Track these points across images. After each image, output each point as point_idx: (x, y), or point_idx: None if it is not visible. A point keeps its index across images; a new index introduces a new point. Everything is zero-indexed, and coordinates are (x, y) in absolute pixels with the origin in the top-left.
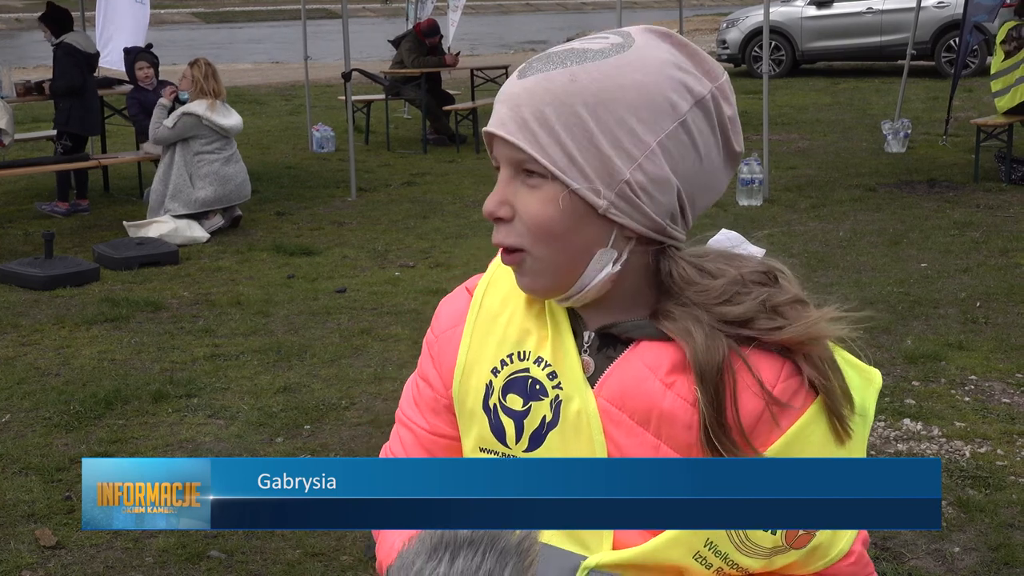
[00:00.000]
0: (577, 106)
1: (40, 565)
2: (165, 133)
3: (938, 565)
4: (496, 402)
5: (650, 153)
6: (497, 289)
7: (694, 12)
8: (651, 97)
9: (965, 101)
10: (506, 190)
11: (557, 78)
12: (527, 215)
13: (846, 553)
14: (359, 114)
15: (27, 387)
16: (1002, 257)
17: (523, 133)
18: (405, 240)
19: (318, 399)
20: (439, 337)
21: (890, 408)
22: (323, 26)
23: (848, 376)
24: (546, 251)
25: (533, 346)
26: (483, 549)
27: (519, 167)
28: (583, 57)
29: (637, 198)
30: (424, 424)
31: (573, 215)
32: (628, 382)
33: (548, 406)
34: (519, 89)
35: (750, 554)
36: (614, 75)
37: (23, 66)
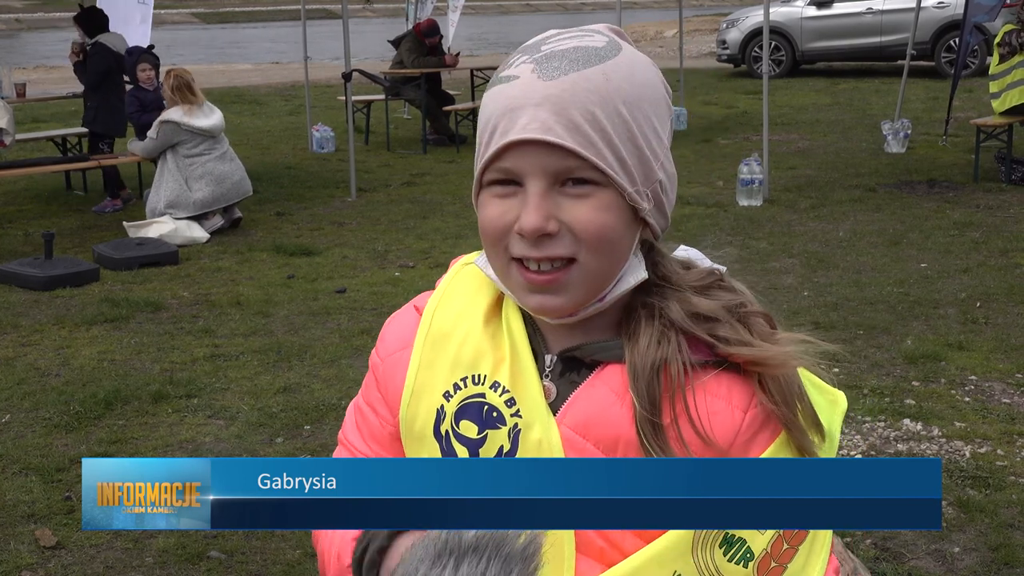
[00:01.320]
0: (619, 105)
1: (40, 565)
2: (150, 145)
3: (938, 565)
4: (448, 428)
5: (666, 151)
6: (449, 307)
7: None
8: (660, 94)
9: (965, 101)
10: (545, 203)
11: (593, 77)
12: (581, 225)
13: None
14: (359, 114)
15: (27, 387)
16: (1002, 257)
17: (576, 137)
18: (405, 240)
19: (318, 399)
20: (384, 360)
21: (890, 408)
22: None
23: (814, 399)
24: (598, 260)
25: (489, 369)
26: (488, 555)
27: (558, 177)
28: (600, 55)
29: (664, 197)
30: (364, 450)
31: (623, 220)
32: (593, 409)
33: (506, 435)
34: (557, 90)
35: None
36: (634, 73)
37: (23, 66)
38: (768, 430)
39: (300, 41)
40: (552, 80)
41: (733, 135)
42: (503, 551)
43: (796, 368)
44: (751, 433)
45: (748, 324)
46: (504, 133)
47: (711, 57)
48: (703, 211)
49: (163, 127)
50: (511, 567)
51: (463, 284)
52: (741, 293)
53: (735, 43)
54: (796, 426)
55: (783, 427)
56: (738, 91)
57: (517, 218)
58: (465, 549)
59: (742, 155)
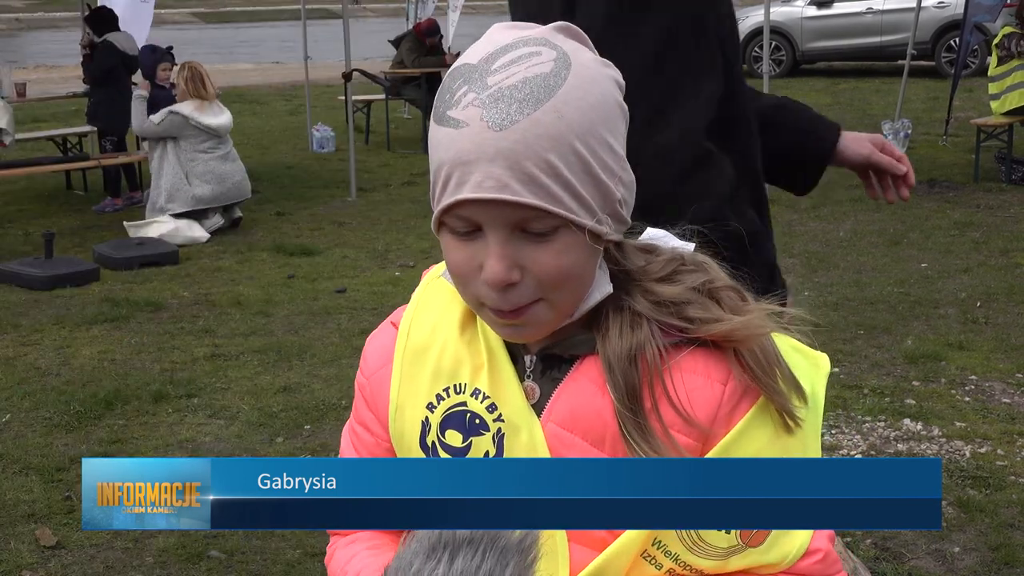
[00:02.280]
0: (572, 141)
1: (40, 565)
2: (151, 128)
3: (938, 565)
4: (434, 439)
5: (623, 162)
6: (424, 319)
7: None
8: (610, 107)
9: (965, 101)
10: (507, 252)
11: (544, 119)
12: (544, 270)
13: (808, 550)
14: (359, 114)
15: (27, 387)
16: (1002, 257)
17: (531, 190)
18: (405, 240)
19: (318, 399)
20: (370, 379)
21: (890, 408)
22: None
23: (794, 363)
24: (563, 296)
25: (468, 377)
26: (483, 548)
27: (518, 226)
28: (548, 87)
29: (622, 211)
30: None
31: (584, 252)
32: (577, 402)
33: (491, 441)
34: (509, 143)
35: (703, 555)
36: (583, 96)
37: (23, 66)
38: (748, 398)
39: (300, 41)
40: (503, 131)
41: None
42: (499, 544)
43: (769, 334)
44: (732, 404)
45: (718, 299)
46: (459, 186)
47: None
48: None
49: (171, 117)
50: (507, 560)
51: (436, 295)
52: (708, 270)
53: None
54: (776, 391)
55: (762, 393)
56: None
57: (482, 265)
58: (460, 542)
59: None
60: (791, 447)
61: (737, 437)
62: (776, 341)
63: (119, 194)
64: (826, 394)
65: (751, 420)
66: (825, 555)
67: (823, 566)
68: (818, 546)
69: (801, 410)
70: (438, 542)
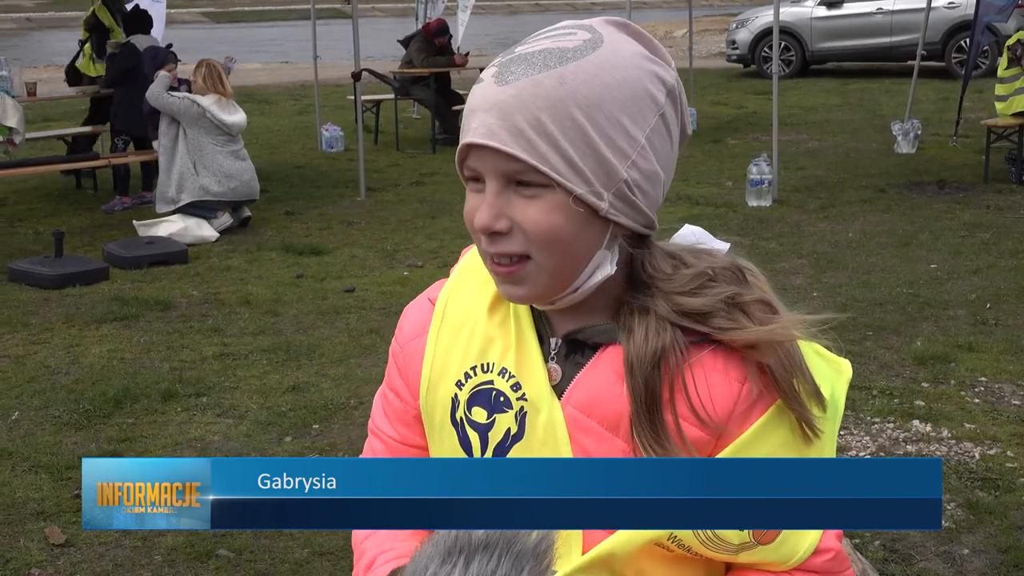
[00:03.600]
0: (571, 108)
1: (49, 563)
2: (165, 99)
3: (947, 567)
4: (462, 415)
5: (641, 149)
6: (460, 299)
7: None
8: (636, 93)
9: (975, 102)
10: (498, 202)
11: (545, 82)
12: (529, 225)
13: (819, 549)
14: (368, 114)
15: (37, 385)
16: (1012, 258)
17: (519, 142)
18: (414, 240)
19: (327, 398)
20: (404, 347)
21: (899, 410)
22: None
23: (817, 367)
24: (551, 257)
25: (497, 357)
26: (499, 553)
27: (510, 178)
28: (563, 57)
29: (633, 196)
30: (394, 434)
31: (577, 220)
32: (596, 389)
33: (513, 418)
34: (505, 96)
35: (715, 550)
36: (599, 73)
37: (33, 65)
38: (765, 400)
39: (310, 41)
40: (504, 86)
41: (742, 135)
42: (514, 549)
43: (794, 342)
44: (749, 403)
45: (746, 311)
46: (464, 134)
47: (721, 57)
48: (712, 211)
49: (188, 103)
50: (523, 565)
51: (472, 275)
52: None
53: (745, 43)
54: (796, 400)
55: (779, 396)
56: (748, 91)
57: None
58: (475, 547)
59: (751, 155)
60: (806, 454)
61: (752, 438)
62: (800, 346)
63: (128, 193)
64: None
65: (767, 422)
66: (835, 554)
67: (833, 564)
68: (828, 545)
69: (820, 420)
70: (453, 546)
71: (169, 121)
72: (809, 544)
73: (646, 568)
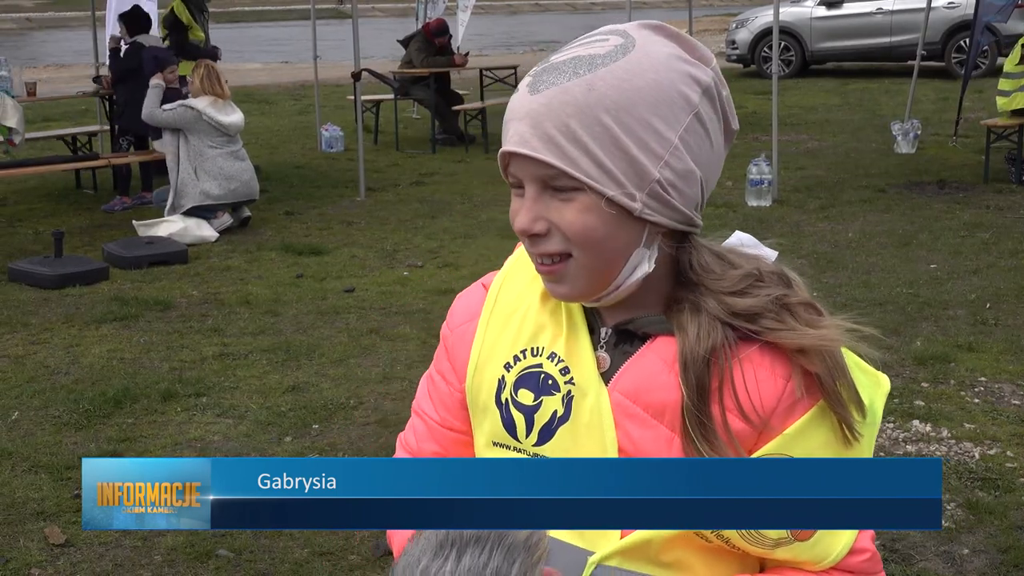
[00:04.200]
0: (600, 114)
1: (49, 563)
2: (160, 115)
3: (947, 567)
4: (508, 396)
5: (674, 149)
6: (512, 285)
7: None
8: (667, 94)
9: (975, 102)
10: (535, 206)
11: (574, 89)
12: (566, 227)
13: (854, 549)
14: (368, 114)
15: (37, 385)
16: (1012, 258)
17: (550, 149)
18: (414, 240)
19: (326, 398)
20: (454, 331)
21: (899, 410)
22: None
23: (857, 378)
24: (589, 257)
25: (547, 342)
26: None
27: (546, 183)
28: (593, 64)
29: (668, 195)
30: (436, 417)
31: (611, 220)
32: (643, 377)
33: (560, 401)
34: (536, 105)
35: (754, 544)
36: (629, 77)
37: (33, 65)
38: (807, 399)
39: (310, 41)
40: (536, 95)
41: (742, 135)
42: (505, 542)
43: (839, 348)
44: (792, 400)
45: (793, 313)
46: (503, 142)
47: (721, 57)
48: (712, 211)
49: (182, 110)
50: (514, 557)
51: (524, 267)
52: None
53: (744, 43)
54: (840, 403)
55: (823, 398)
56: (747, 91)
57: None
58: (467, 540)
59: (751, 155)
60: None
61: (795, 435)
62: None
63: (128, 193)
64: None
65: (810, 421)
66: (871, 555)
67: (869, 564)
68: (864, 545)
69: (860, 424)
70: (445, 539)
71: (172, 132)
72: (844, 544)
73: (683, 557)
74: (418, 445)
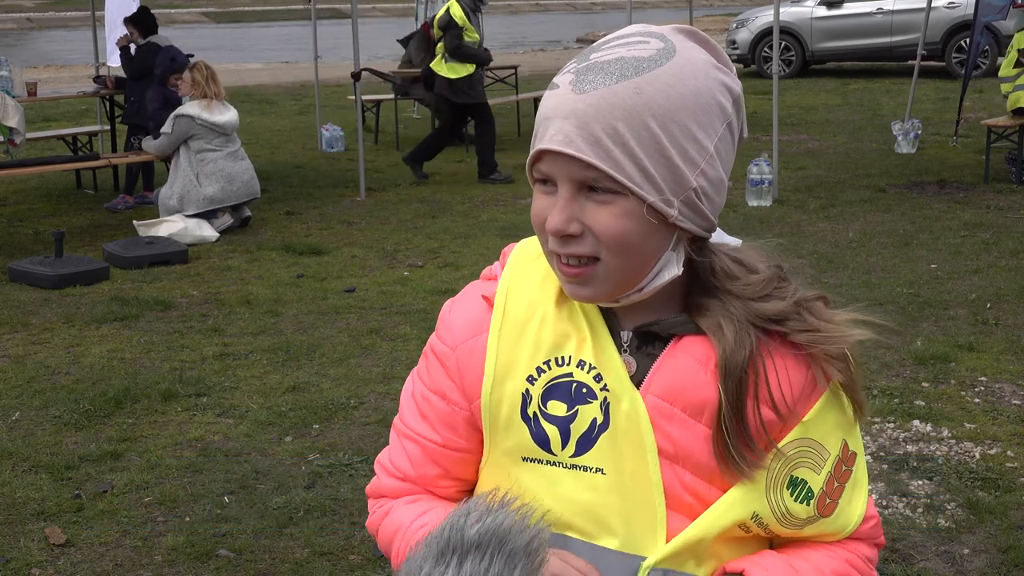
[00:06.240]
0: (647, 119)
1: (50, 563)
2: (164, 142)
3: (947, 567)
4: (536, 410)
5: (709, 158)
6: (520, 293)
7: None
8: (707, 103)
9: (975, 102)
10: (570, 206)
11: (622, 92)
12: (601, 230)
13: (866, 516)
14: (368, 114)
15: (37, 385)
16: (1012, 258)
17: (595, 151)
18: (414, 240)
19: (327, 398)
20: (456, 349)
21: (900, 409)
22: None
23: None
24: (620, 260)
25: (573, 350)
26: (491, 552)
27: (583, 184)
28: (639, 67)
29: (701, 203)
30: (435, 438)
31: (646, 226)
32: (678, 376)
33: (598, 408)
34: (584, 105)
35: (788, 525)
36: (675, 84)
37: (34, 65)
38: (821, 386)
39: (310, 41)
40: (582, 94)
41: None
42: (506, 547)
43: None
44: (812, 385)
45: (812, 311)
46: (539, 139)
47: None
48: None
49: (178, 121)
50: (515, 563)
51: (530, 272)
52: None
53: (745, 43)
54: (854, 384)
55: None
56: (748, 91)
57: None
58: (468, 547)
59: (751, 155)
60: (853, 432)
61: (813, 419)
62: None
63: (133, 192)
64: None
65: (825, 404)
66: (877, 520)
67: (876, 529)
68: (872, 512)
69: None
70: (446, 546)
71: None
72: (859, 513)
73: (718, 550)
74: (415, 471)
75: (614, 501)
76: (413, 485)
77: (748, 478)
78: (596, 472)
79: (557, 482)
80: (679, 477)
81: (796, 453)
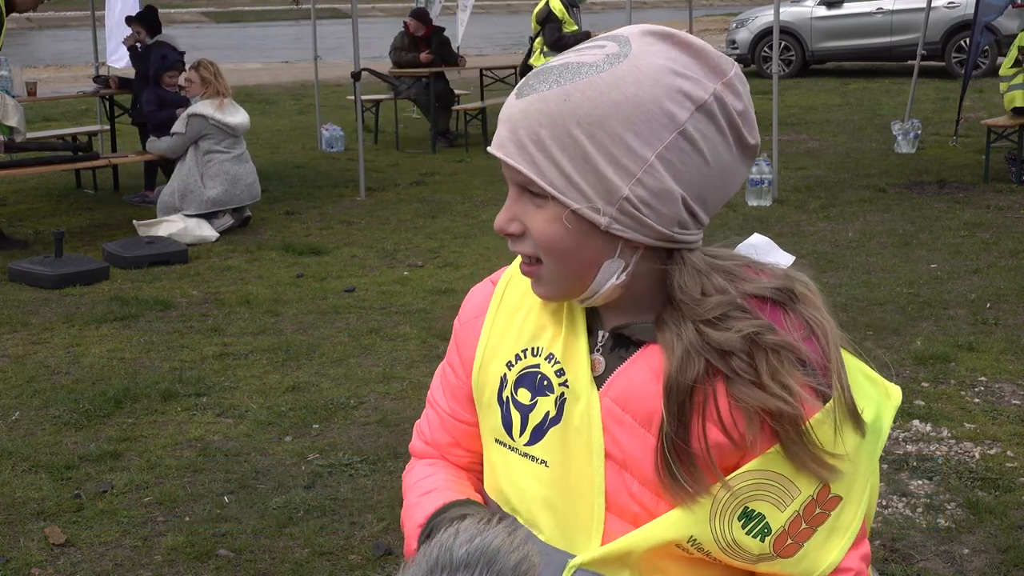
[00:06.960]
0: (571, 126)
1: (49, 563)
2: (177, 141)
3: (947, 567)
4: (508, 395)
5: (648, 167)
6: (518, 284)
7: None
8: (647, 110)
9: (975, 102)
10: (515, 207)
11: (550, 98)
12: (536, 232)
13: (840, 568)
14: (368, 114)
15: (37, 385)
16: (1012, 258)
17: (521, 155)
18: (414, 240)
19: (327, 398)
20: (463, 326)
21: (899, 409)
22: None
23: (864, 389)
24: (556, 263)
25: (546, 342)
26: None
27: (524, 187)
28: (576, 73)
29: (639, 212)
30: (446, 408)
31: (578, 232)
32: (633, 384)
33: (553, 403)
34: (516, 110)
35: (735, 557)
36: (607, 91)
37: (34, 65)
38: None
39: (310, 41)
40: (520, 99)
41: None
42: (494, 568)
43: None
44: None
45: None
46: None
47: None
48: None
49: (192, 120)
50: None
51: None
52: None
53: (745, 43)
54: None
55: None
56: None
57: None
58: (456, 565)
59: None
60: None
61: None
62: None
63: (153, 187)
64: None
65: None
66: (857, 573)
67: None
68: (850, 565)
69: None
70: (435, 565)
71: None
72: (830, 563)
73: (664, 566)
74: (432, 435)
75: (553, 495)
76: (433, 449)
77: (691, 499)
78: (540, 463)
79: (512, 467)
80: (626, 485)
81: (752, 485)
